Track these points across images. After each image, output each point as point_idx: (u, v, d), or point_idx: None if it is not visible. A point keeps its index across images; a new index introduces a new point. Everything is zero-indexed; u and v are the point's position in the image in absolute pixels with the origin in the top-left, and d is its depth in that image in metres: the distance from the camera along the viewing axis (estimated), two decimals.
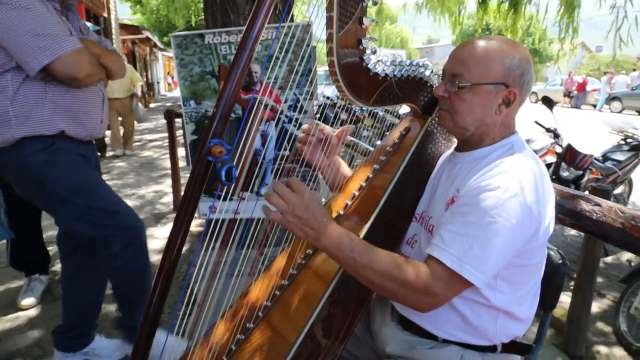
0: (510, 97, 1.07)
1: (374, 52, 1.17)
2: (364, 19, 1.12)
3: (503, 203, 0.96)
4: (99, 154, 2.49)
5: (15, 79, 1.67)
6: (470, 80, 1.06)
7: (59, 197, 1.77)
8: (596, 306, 2.93)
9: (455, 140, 1.27)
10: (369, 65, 1.16)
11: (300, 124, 1.81)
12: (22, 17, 1.57)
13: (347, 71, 1.12)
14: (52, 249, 3.05)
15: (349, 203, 1.30)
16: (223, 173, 0.90)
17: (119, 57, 1.98)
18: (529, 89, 1.10)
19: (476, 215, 0.98)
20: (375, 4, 1.13)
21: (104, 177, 6.03)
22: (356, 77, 1.15)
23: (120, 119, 7.41)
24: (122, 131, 7.66)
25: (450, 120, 1.14)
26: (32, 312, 2.69)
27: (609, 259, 3.69)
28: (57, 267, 3.02)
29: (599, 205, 1.49)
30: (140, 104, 7.71)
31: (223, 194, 1.13)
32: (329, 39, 1.07)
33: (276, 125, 3.09)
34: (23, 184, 1.84)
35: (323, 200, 1.54)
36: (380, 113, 3.06)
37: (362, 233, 1.17)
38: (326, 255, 1.17)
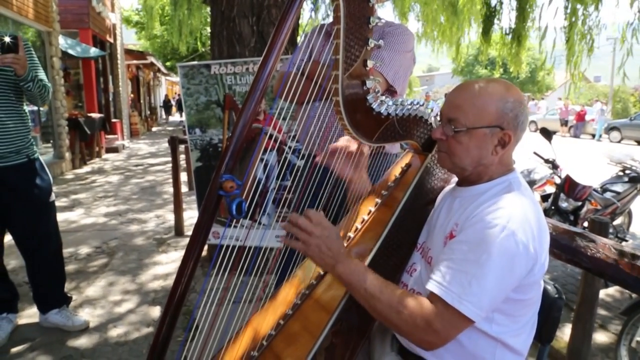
0: (505, 139, 1.11)
1: (377, 92, 1.23)
2: (368, 61, 1.18)
3: (500, 241, 1.00)
4: None
5: None
6: (465, 125, 1.11)
7: None
8: (597, 338, 2.92)
9: (455, 176, 1.32)
10: (372, 105, 1.22)
11: (302, 155, 1.86)
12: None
13: (352, 110, 1.18)
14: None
15: (352, 236, 1.34)
16: (234, 207, 0.95)
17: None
18: (523, 128, 1.14)
19: (474, 253, 1.02)
20: (379, 47, 1.19)
21: (108, 199, 6.04)
22: (360, 116, 1.20)
23: None
24: None
25: (448, 161, 1.19)
26: None
27: (610, 290, 3.68)
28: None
29: (593, 241, 1.52)
30: None
31: (227, 222, 1.18)
32: (334, 80, 1.13)
33: (278, 154, 3.15)
34: None
35: None
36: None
37: (366, 262, 1.21)
38: (329, 286, 1.20)
